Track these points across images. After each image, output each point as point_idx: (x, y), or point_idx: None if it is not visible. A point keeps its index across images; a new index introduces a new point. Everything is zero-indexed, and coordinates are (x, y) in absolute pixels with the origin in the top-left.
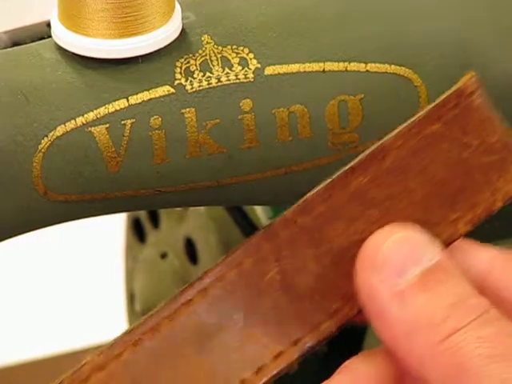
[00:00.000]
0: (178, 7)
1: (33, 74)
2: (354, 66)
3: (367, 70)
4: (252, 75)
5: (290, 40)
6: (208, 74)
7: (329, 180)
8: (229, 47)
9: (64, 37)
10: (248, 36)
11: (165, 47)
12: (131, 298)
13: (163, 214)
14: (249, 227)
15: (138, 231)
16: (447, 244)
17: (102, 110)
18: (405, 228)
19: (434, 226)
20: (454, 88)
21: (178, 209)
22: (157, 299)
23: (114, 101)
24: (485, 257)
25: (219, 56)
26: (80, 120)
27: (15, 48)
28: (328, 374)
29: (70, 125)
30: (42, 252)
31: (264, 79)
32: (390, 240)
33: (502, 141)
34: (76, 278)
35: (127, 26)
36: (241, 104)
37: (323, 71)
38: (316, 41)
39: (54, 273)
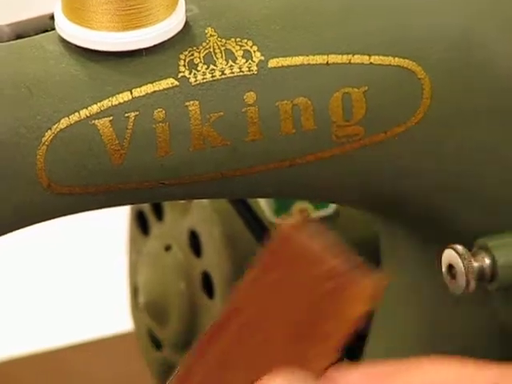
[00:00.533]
0: (181, 0)
1: (36, 66)
2: (357, 59)
3: (371, 63)
4: (256, 68)
5: (293, 33)
6: (212, 66)
7: (185, 361)
8: (232, 40)
9: (67, 29)
10: (252, 29)
11: (168, 40)
12: (135, 291)
13: (167, 206)
14: (252, 220)
15: (141, 224)
16: (319, 376)
17: (106, 103)
18: (278, 375)
19: (300, 364)
20: (273, 233)
21: (182, 201)
22: (160, 292)
23: (118, 93)
24: (354, 380)
25: (223, 49)
26: (84, 112)
27: (18, 41)
28: None
29: (74, 117)
30: (45, 245)
31: (268, 72)
32: None
33: (334, 267)
34: (79, 271)
35: (131, 18)
36: (244, 97)
37: (327, 64)
38: (320, 34)
39: (57, 266)
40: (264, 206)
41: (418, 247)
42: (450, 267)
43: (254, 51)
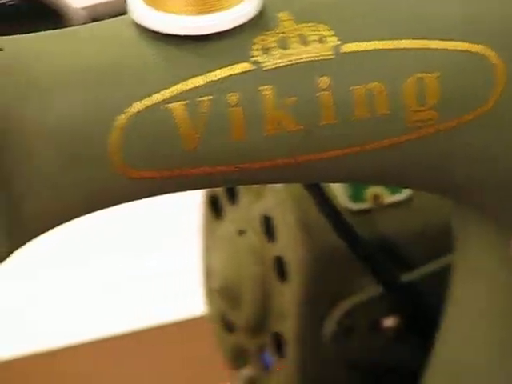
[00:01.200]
0: None
1: (110, 49)
2: (431, 44)
3: (444, 48)
4: (330, 52)
5: (367, 18)
6: (285, 51)
7: None
8: (306, 24)
9: (142, 13)
10: (325, 13)
11: (243, 24)
12: (208, 274)
13: (241, 190)
14: (327, 205)
15: (215, 208)
16: None
17: (180, 87)
18: None
19: None
20: None
21: (256, 186)
22: (234, 276)
23: (192, 77)
24: None
25: (297, 33)
26: (157, 97)
27: (94, 23)
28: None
29: (146, 101)
30: (118, 228)
31: (342, 57)
32: None
33: None
34: (154, 254)
35: (206, 2)
36: (318, 81)
37: (401, 49)
38: (394, 19)
39: (131, 250)
40: (338, 191)
41: (491, 232)
42: None
43: (329, 36)
